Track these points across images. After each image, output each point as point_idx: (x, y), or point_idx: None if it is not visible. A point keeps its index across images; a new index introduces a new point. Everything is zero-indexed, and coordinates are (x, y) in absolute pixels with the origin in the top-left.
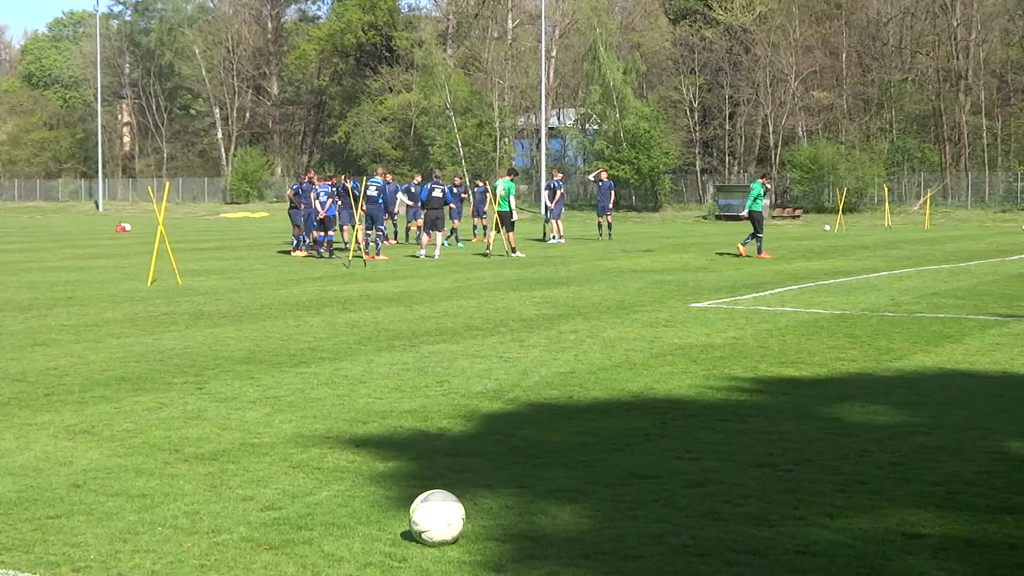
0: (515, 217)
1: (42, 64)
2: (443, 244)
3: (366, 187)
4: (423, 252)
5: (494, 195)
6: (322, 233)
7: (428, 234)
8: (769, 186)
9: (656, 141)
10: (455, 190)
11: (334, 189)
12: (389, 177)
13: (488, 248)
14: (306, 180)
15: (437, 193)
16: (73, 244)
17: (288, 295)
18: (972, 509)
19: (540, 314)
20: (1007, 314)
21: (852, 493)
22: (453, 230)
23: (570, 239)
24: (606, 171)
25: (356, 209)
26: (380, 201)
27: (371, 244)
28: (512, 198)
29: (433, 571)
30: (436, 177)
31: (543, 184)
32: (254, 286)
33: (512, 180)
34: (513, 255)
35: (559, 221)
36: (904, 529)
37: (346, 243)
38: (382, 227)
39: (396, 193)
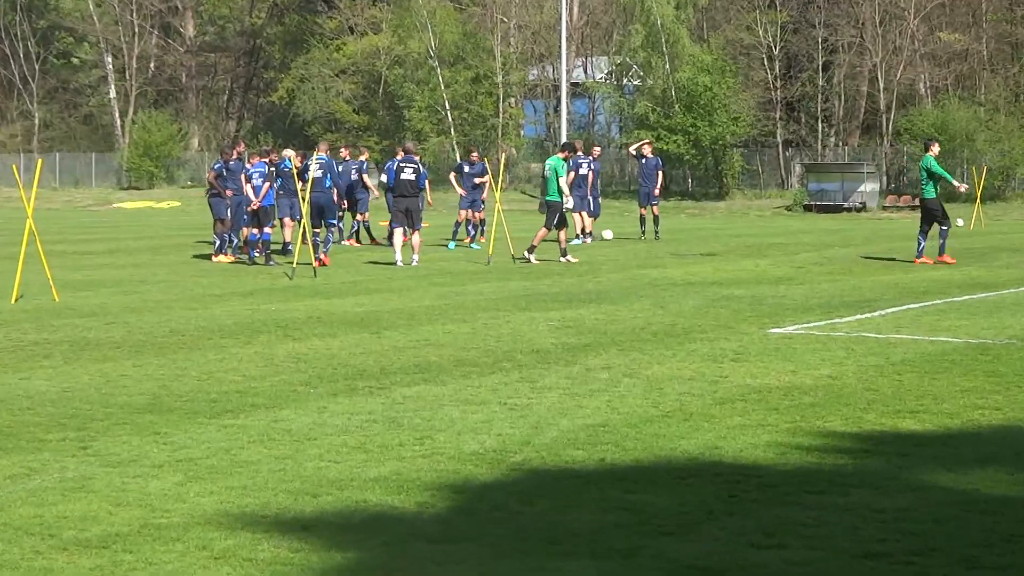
0: (568, 204)
1: None
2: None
3: (301, 166)
4: (399, 257)
5: (496, 178)
6: (255, 230)
7: (404, 233)
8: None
9: (721, 102)
10: (470, 167)
11: (272, 169)
12: (346, 152)
13: (484, 249)
14: (234, 157)
15: (408, 175)
16: None
17: (208, 317)
18: None
19: (559, 343)
20: None
21: None
22: (477, 225)
23: (600, 238)
24: (651, 143)
25: (304, 196)
26: (328, 185)
27: (321, 245)
28: (563, 180)
29: None
30: (407, 152)
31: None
32: (160, 305)
33: (565, 158)
34: (563, 260)
35: (582, 213)
36: None
37: (287, 244)
38: (332, 221)
39: (356, 174)
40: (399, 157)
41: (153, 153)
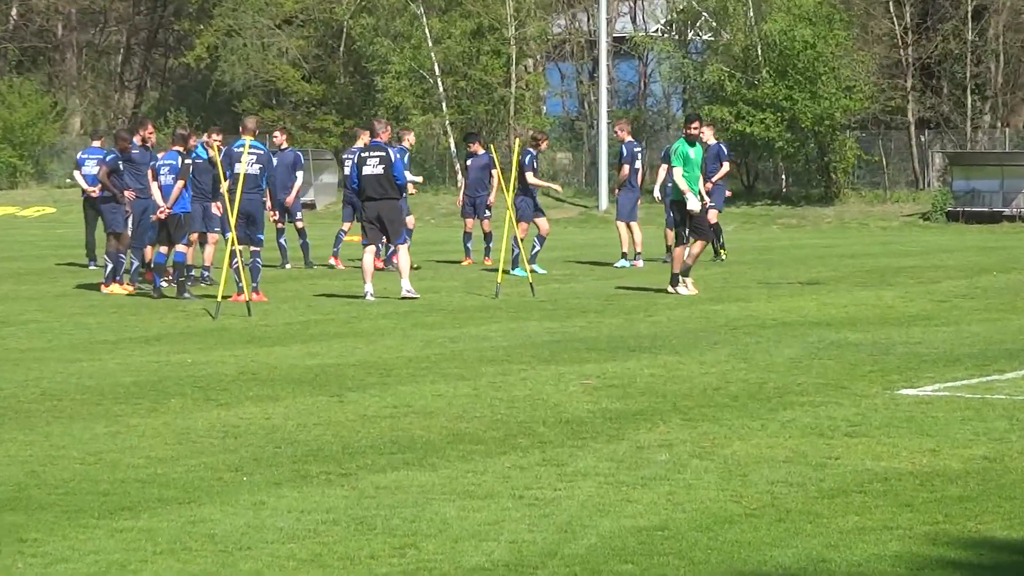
0: (707, 204)
1: None
2: (409, 269)
3: (218, 154)
4: (369, 288)
5: (523, 173)
6: (164, 248)
7: (377, 253)
8: None
9: (828, 65)
10: (483, 157)
11: (188, 162)
12: (282, 137)
13: (497, 279)
14: (136, 144)
15: (374, 167)
16: None
17: (97, 373)
18: None
19: (599, 410)
20: None
21: None
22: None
23: (652, 259)
24: (709, 126)
25: (233, 203)
26: (263, 186)
27: (245, 269)
28: (677, 173)
29: None
30: (373, 136)
31: (603, 149)
32: (27, 356)
33: (696, 140)
34: (676, 290)
35: (632, 224)
36: None
37: (206, 272)
38: (262, 236)
39: (296, 168)
40: (359, 144)
41: (16, 138)
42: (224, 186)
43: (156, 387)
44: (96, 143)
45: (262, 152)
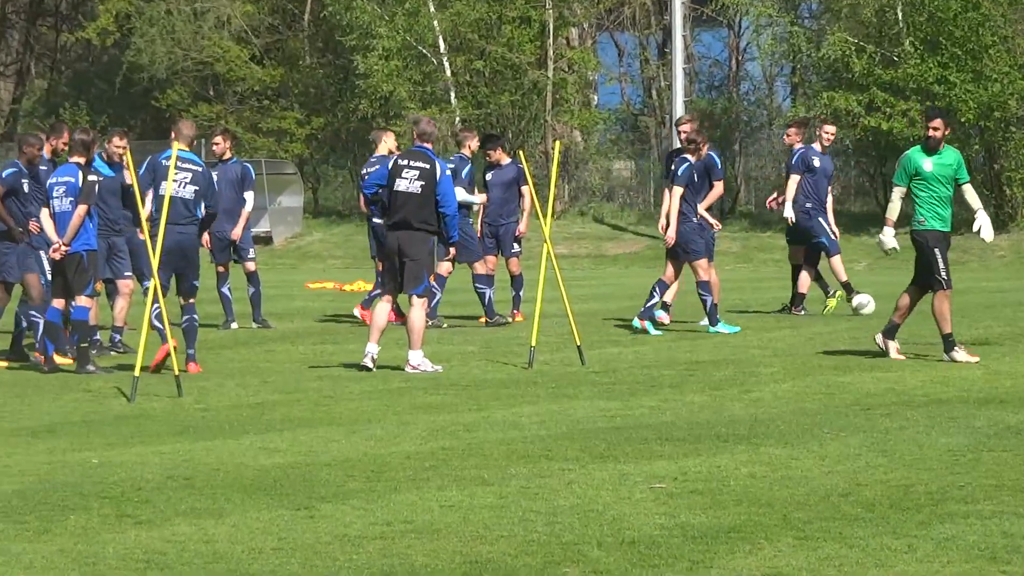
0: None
1: None
2: (430, 325)
3: (133, 170)
4: (372, 348)
5: (541, 191)
6: (58, 303)
7: (393, 304)
8: None
9: (999, 33)
10: (510, 169)
11: (92, 180)
12: (224, 144)
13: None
14: (45, 157)
15: (409, 182)
16: None
17: None
18: None
19: (675, 526)
20: None
21: None
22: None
23: (740, 304)
24: (830, 127)
25: (155, 237)
26: (198, 214)
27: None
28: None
29: None
30: (422, 137)
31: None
32: None
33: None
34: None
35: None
36: None
37: (117, 335)
38: (197, 283)
39: (245, 186)
40: (382, 152)
41: None
42: (144, 213)
43: (48, 499)
44: (78, 158)
45: (199, 169)
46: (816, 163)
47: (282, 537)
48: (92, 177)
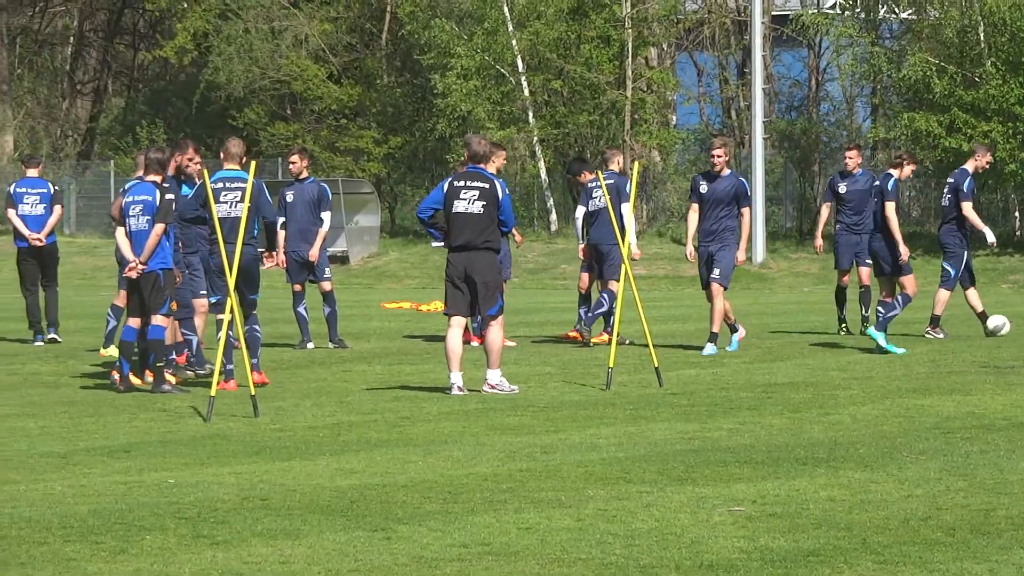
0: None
1: None
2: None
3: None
4: (455, 375)
5: (617, 209)
6: (134, 321)
7: (469, 327)
8: None
9: None
10: (584, 190)
11: (169, 199)
12: (301, 163)
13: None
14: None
15: (467, 203)
16: None
17: (38, 500)
18: None
19: (754, 549)
20: None
21: None
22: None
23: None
24: (857, 151)
25: (232, 261)
26: (255, 232)
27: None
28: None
29: None
30: (473, 158)
31: (758, 175)
32: None
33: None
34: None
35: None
36: None
37: (193, 347)
38: (255, 296)
39: (322, 206)
40: (453, 175)
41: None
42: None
43: (124, 519)
44: (33, 172)
45: (256, 187)
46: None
47: (359, 559)
48: (169, 196)
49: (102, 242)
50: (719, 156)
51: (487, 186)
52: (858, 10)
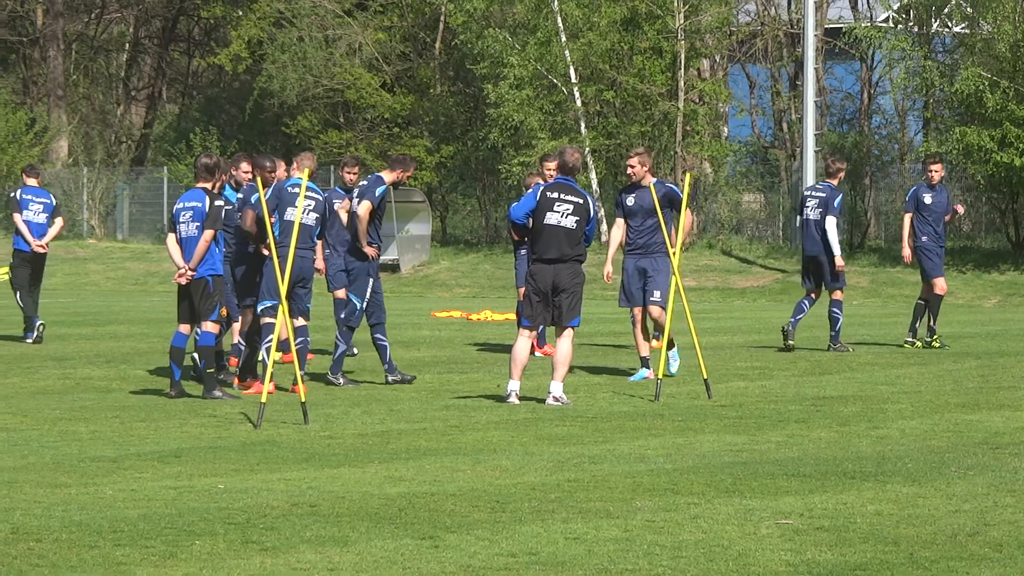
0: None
1: None
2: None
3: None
4: (514, 385)
5: (670, 221)
6: (184, 328)
7: (536, 339)
8: None
9: None
10: (632, 198)
11: (218, 205)
12: (352, 173)
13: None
14: (247, 177)
15: (561, 216)
16: None
17: (88, 504)
18: None
19: (801, 562)
20: None
21: None
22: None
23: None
24: (937, 166)
25: (284, 265)
26: (314, 241)
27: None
28: None
29: None
30: (565, 168)
31: (807, 182)
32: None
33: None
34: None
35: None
36: None
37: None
38: (309, 305)
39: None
40: (536, 181)
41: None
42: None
43: (174, 524)
44: (32, 181)
45: (320, 197)
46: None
47: (407, 567)
48: (218, 202)
49: (154, 248)
50: (632, 167)
51: (581, 201)
52: (911, 23)
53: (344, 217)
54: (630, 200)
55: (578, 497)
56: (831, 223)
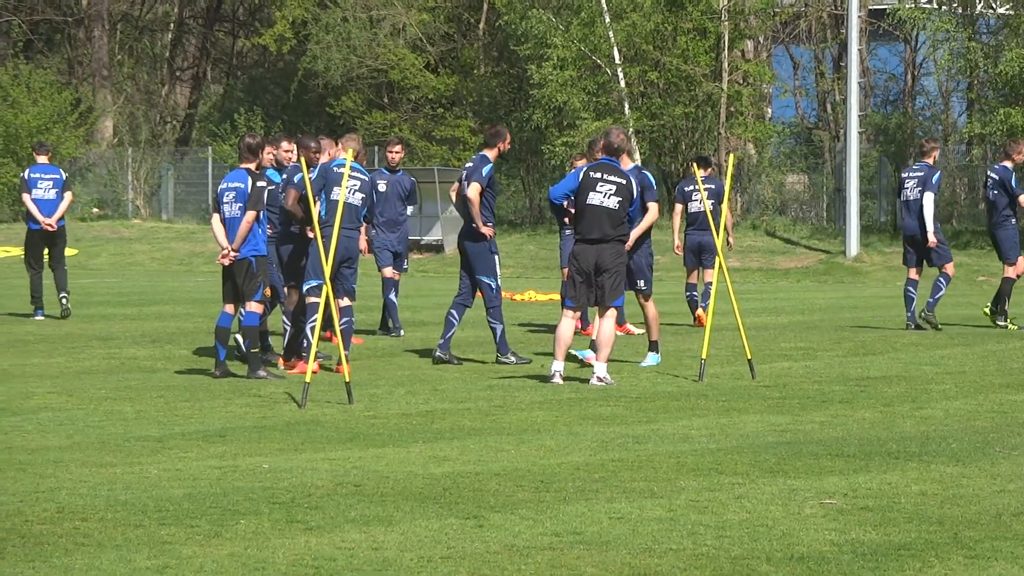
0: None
1: None
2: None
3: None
4: (558, 367)
5: (716, 203)
6: (228, 308)
7: (579, 317)
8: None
9: None
10: (692, 186)
11: (261, 186)
12: (396, 153)
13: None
14: (314, 156)
15: (603, 196)
16: None
17: (133, 483)
18: None
19: (844, 542)
20: None
21: None
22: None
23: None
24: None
25: (327, 239)
26: (359, 221)
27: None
28: None
29: None
30: (610, 147)
31: (852, 168)
32: (38, 457)
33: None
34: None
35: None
36: None
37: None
38: (354, 285)
39: (411, 199)
40: (581, 163)
41: (23, 150)
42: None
43: (219, 503)
44: (43, 158)
45: (365, 178)
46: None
47: (451, 546)
48: (261, 183)
49: (199, 228)
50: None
51: (624, 182)
52: (955, 4)
53: (453, 197)
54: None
55: (622, 477)
56: (928, 199)
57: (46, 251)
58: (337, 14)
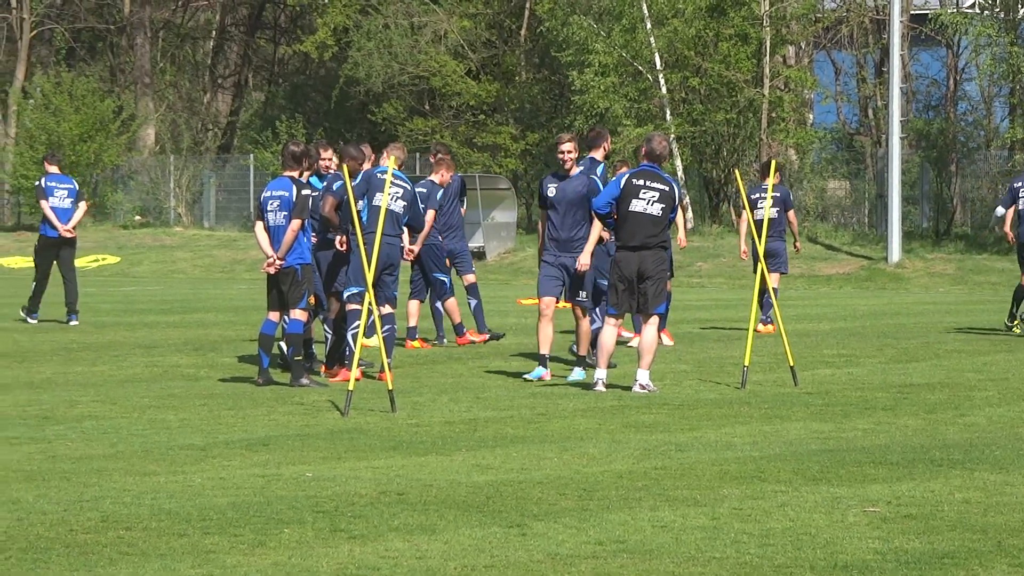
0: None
1: None
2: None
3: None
4: (601, 375)
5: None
6: (273, 315)
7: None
8: None
9: None
10: (760, 193)
11: (305, 194)
12: (444, 172)
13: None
14: (357, 166)
15: (647, 203)
16: None
17: (177, 492)
18: None
19: (888, 550)
20: None
21: None
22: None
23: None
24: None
25: (369, 257)
26: (401, 227)
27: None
28: None
29: None
30: (651, 153)
31: (894, 175)
32: (82, 466)
33: None
34: None
35: None
36: None
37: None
38: (395, 292)
39: (453, 202)
40: (624, 169)
41: (65, 158)
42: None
43: (262, 512)
44: (54, 168)
45: (408, 186)
46: None
47: (494, 555)
48: (306, 191)
49: (240, 235)
50: (568, 152)
51: (667, 189)
52: (997, 10)
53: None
54: (551, 190)
55: (665, 485)
56: None
57: (55, 261)
58: (379, 21)
